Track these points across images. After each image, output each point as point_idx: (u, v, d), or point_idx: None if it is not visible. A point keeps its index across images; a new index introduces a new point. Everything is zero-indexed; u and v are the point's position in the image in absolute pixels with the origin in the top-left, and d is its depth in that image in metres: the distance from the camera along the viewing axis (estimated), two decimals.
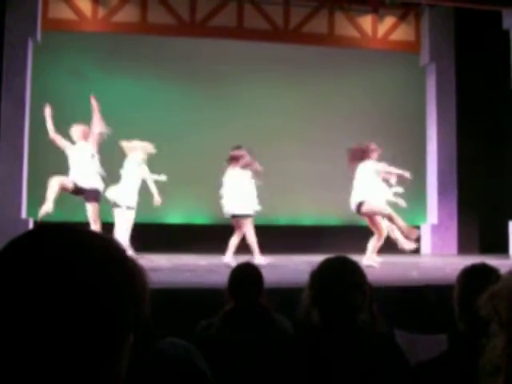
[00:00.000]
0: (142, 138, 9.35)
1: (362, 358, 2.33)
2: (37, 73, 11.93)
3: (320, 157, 12.98)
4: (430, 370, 2.16)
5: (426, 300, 5.17)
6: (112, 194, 8.86)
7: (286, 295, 4.75)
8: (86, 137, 8.50)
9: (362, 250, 8.99)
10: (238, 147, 9.32)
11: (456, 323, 2.44)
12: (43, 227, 0.93)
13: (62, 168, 11.17)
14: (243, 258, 5.31)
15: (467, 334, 2.29)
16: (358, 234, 12.79)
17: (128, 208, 8.90)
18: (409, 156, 13.50)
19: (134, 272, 0.91)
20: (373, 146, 9.41)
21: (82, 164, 8.35)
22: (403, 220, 9.07)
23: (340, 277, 2.49)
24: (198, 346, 2.00)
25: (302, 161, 12.91)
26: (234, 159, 9.20)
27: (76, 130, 8.58)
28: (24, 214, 11.34)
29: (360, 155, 9.38)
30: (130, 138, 9.30)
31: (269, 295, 3.59)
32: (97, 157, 8.46)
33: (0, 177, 11.14)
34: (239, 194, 9.06)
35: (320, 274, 2.53)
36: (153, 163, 9.19)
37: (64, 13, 12.19)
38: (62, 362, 0.82)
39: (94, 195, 8.31)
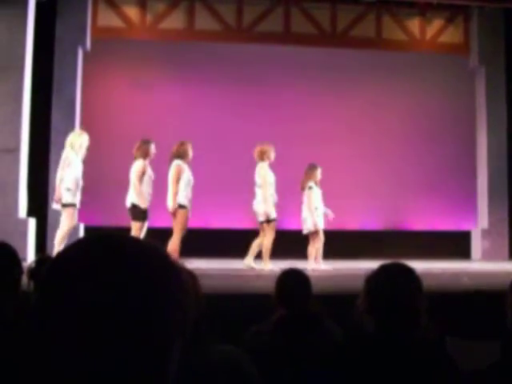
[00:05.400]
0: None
1: (414, 366, 2.29)
2: (87, 80, 12.12)
3: (367, 160, 12.91)
4: (484, 379, 2.12)
5: None
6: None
7: (333, 302, 4.72)
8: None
9: (402, 254, 8.82)
10: None
11: (509, 330, 2.39)
12: (94, 235, 0.95)
13: (111, 175, 11.34)
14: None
15: None
16: (398, 238, 12.69)
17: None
18: (459, 160, 13.34)
19: (181, 278, 0.92)
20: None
21: None
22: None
23: (398, 284, 2.45)
24: (249, 352, 2.00)
25: (349, 165, 12.86)
26: None
27: None
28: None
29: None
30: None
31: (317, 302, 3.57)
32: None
33: (53, 184, 11.34)
34: None
35: (377, 281, 2.49)
36: (196, 167, 9.22)
37: (113, 21, 12.36)
38: (109, 365, 0.83)
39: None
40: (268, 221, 9.19)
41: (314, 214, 9.37)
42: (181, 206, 8.69)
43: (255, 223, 9.58)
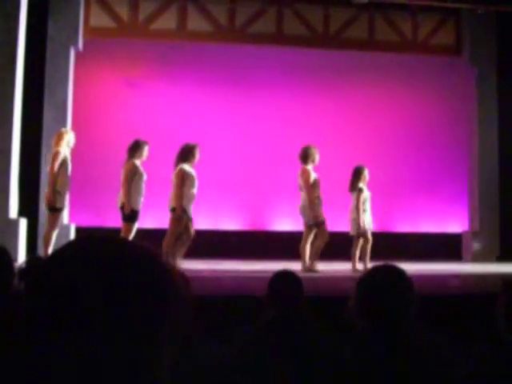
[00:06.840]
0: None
1: (405, 368, 2.30)
2: (79, 80, 12.09)
3: (358, 162, 12.91)
4: (475, 382, 2.13)
5: None
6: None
7: (326, 304, 4.73)
8: None
9: (393, 256, 8.85)
10: None
11: (500, 334, 2.40)
12: (86, 237, 0.95)
13: (103, 176, 11.32)
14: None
15: None
16: (389, 240, 12.69)
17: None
18: (450, 161, 13.38)
19: (173, 279, 0.92)
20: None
21: None
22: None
23: (389, 286, 2.45)
24: (241, 353, 2.00)
25: (339, 166, 12.85)
26: None
27: None
28: (66, 220, 11.49)
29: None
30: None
31: (308, 303, 3.57)
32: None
33: (44, 184, 11.31)
34: None
35: (368, 283, 2.49)
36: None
37: (105, 21, 12.34)
38: (101, 366, 0.83)
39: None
40: (317, 223, 9.29)
41: (362, 215, 9.48)
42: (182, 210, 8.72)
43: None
